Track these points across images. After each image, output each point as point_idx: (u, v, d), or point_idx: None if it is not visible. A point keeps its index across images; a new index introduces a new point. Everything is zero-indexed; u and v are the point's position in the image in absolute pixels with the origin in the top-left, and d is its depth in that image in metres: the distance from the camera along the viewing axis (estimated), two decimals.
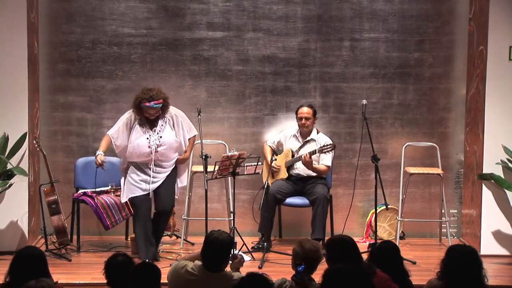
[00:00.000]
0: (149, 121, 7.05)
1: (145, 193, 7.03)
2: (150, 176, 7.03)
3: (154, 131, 7.04)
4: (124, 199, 7.12)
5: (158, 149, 7.00)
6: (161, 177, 7.08)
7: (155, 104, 6.94)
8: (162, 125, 7.07)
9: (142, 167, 7.05)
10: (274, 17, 8.09)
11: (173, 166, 7.16)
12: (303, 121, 7.67)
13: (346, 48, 8.14)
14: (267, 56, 8.12)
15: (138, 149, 6.99)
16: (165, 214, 7.21)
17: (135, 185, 7.04)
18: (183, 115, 7.25)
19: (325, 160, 7.64)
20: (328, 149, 7.47)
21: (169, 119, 7.12)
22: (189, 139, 7.25)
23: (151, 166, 7.03)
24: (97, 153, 7.06)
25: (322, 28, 8.11)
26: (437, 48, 8.14)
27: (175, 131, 7.14)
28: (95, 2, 7.98)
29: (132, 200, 7.08)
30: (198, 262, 5.02)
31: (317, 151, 7.49)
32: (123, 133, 7.05)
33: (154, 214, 7.15)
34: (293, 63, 8.13)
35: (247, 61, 8.11)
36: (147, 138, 7.00)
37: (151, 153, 6.99)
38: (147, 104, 6.91)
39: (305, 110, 7.68)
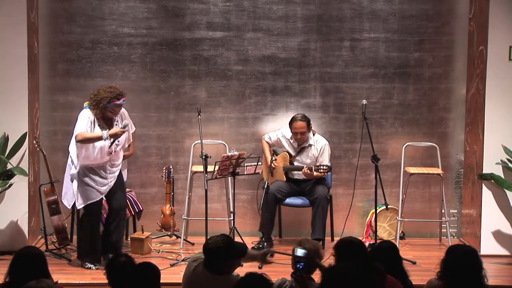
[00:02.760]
0: (106, 122, 6.83)
1: (102, 196, 6.87)
2: (107, 178, 6.85)
3: None
4: (80, 205, 6.84)
5: (117, 149, 6.85)
6: (115, 176, 6.93)
7: (124, 101, 6.80)
8: (116, 125, 6.88)
9: (96, 170, 6.82)
10: (274, 17, 8.08)
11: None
12: (298, 136, 7.58)
13: (346, 48, 8.13)
14: (267, 56, 8.12)
15: (100, 152, 6.75)
16: (123, 212, 7.04)
17: (92, 190, 6.80)
18: (126, 112, 7.05)
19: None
20: (325, 170, 7.43)
21: (119, 118, 6.93)
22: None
23: (108, 167, 6.85)
24: (105, 133, 6.67)
25: (322, 28, 8.11)
26: (437, 48, 8.13)
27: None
28: (95, 2, 7.98)
29: (89, 205, 6.85)
30: None
31: (313, 169, 7.46)
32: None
33: (112, 214, 6.95)
34: (293, 63, 8.12)
35: (247, 61, 8.11)
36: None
37: (111, 153, 6.82)
38: (118, 102, 6.74)
39: (300, 125, 7.53)
